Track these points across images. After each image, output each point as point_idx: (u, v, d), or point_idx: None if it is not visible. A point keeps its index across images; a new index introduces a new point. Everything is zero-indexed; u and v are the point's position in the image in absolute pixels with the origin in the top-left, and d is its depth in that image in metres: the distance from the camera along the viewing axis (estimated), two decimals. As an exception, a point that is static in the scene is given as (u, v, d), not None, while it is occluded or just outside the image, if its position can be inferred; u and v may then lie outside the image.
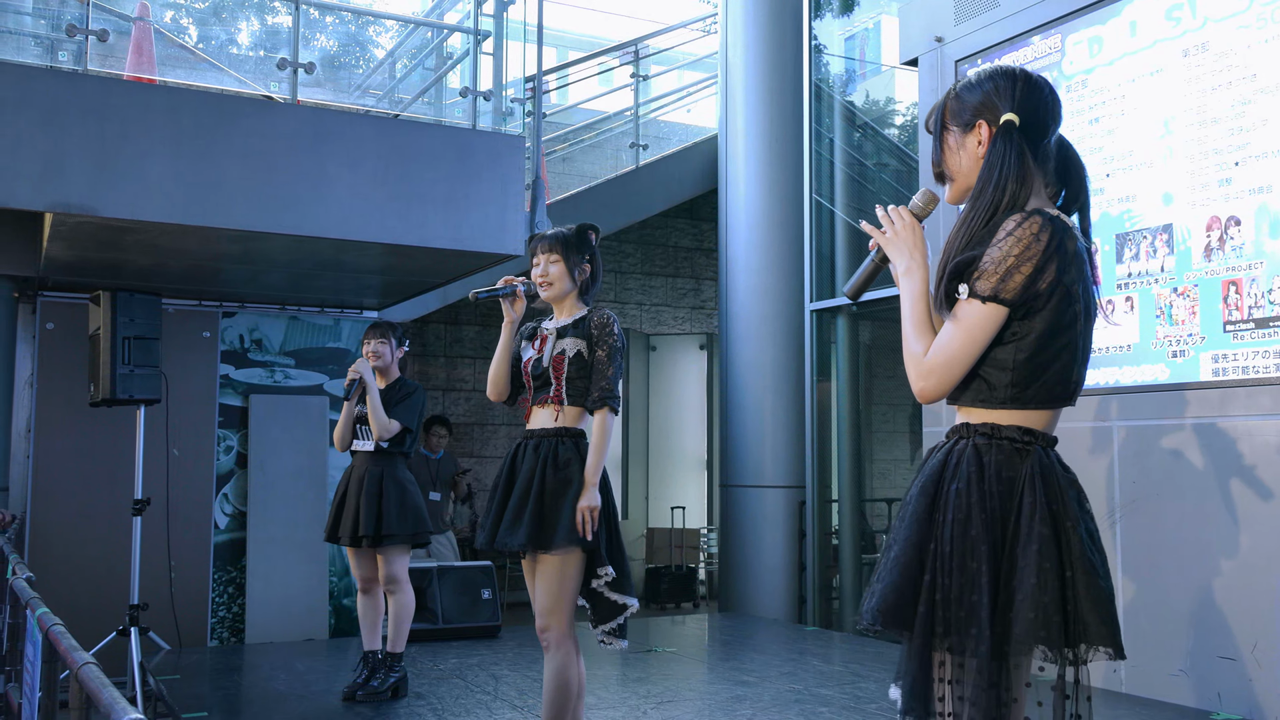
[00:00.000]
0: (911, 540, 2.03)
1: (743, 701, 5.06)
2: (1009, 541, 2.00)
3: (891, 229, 2.16)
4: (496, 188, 5.75)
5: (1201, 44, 4.97)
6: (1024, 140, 2.09)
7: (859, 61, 8.34)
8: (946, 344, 2.03)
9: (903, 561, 2.02)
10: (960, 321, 2.02)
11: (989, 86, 2.14)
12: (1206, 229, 4.90)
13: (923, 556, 2.02)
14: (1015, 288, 1.98)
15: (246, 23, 7.31)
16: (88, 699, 1.79)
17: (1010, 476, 2.02)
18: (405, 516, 5.05)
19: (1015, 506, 2.01)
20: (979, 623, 1.93)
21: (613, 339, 3.44)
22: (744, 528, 8.07)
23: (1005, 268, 1.98)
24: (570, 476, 3.39)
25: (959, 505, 2.00)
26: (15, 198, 4.83)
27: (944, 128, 2.18)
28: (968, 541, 1.98)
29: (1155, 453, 5.06)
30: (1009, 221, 2.01)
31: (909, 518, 2.07)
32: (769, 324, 8.09)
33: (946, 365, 2.04)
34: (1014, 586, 1.96)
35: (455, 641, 6.62)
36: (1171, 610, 4.93)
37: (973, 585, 1.96)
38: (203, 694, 5.38)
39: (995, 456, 2.03)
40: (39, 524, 6.44)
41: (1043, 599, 1.93)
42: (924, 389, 2.07)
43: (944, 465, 2.07)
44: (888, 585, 2.03)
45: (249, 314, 7.18)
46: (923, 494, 2.07)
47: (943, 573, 1.98)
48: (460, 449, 9.80)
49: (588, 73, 10.60)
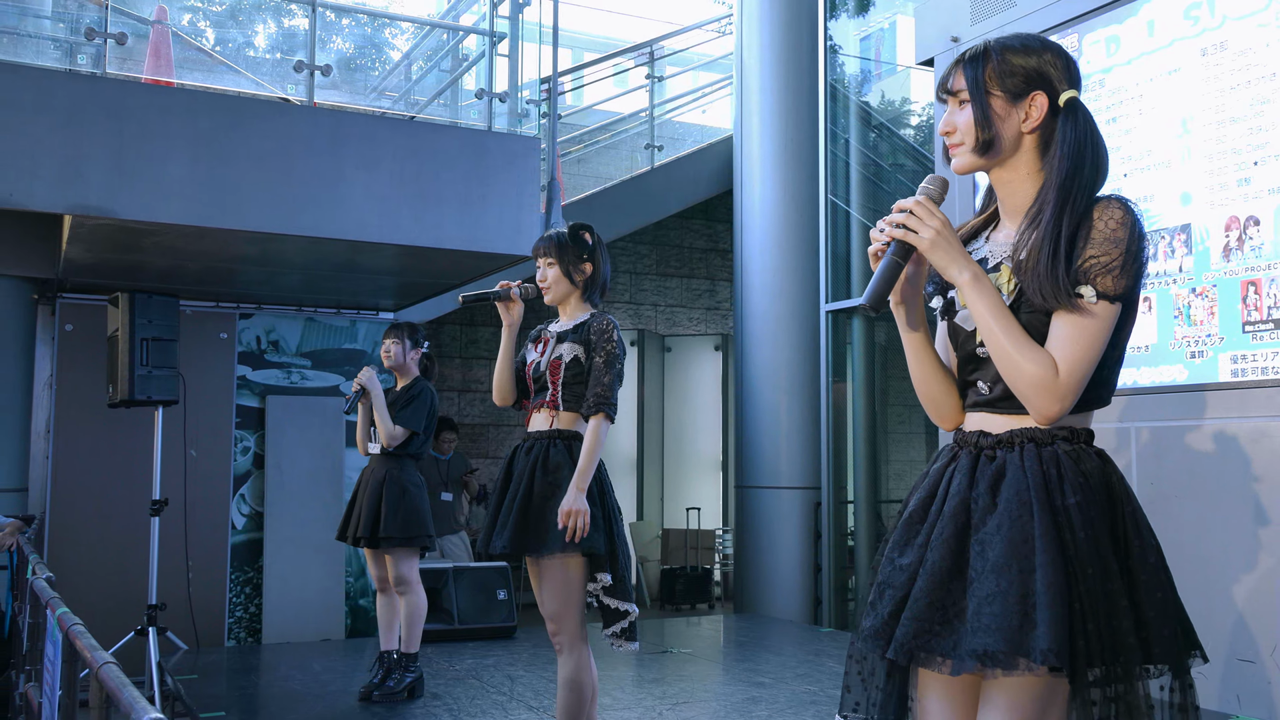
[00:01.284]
0: (1054, 564, 1.76)
1: (758, 703, 5.05)
2: (1122, 556, 1.84)
3: (925, 227, 1.84)
4: (512, 189, 5.76)
5: (1220, 43, 4.94)
6: None
7: (874, 62, 8.33)
8: (1080, 358, 1.80)
9: (1058, 588, 1.74)
10: (1088, 328, 1.80)
11: (1046, 56, 1.93)
12: (1225, 229, 4.87)
13: (1070, 582, 1.77)
14: (1135, 284, 1.83)
15: (263, 25, 7.34)
16: (108, 698, 1.80)
17: (1105, 483, 1.86)
18: (401, 519, 5.02)
19: (1120, 517, 1.86)
20: (1127, 650, 1.78)
21: (611, 345, 3.38)
22: (759, 529, 8.06)
23: (1125, 263, 1.80)
24: (559, 481, 3.34)
25: (1085, 521, 1.80)
26: (35, 200, 4.86)
27: (986, 92, 1.92)
28: (1101, 561, 1.79)
29: (1174, 454, 5.03)
30: (1113, 210, 1.83)
31: (1034, 534, 1.78)
32: (784, 325, 8.08)
33: (1082, 382, 1.82)
34: (1139, 602, 1.82)
35: (471, 642, 6.63)
36: (1190, 612, 4.88)
37: (1115, 609, 1.78)
38: (220, 694, 5.40)
39: (1088, 464, 1.86)
40: (58, 524, 6.48)
41: (1170, 611, 1.85)
42: (1061, 410, 1.82)
43: (1041, 474, 1.83)
44: (1053, 617, 1.71)
45: (266, 315, 7.21)
46: (1031, 505, 1.81)
47: (1089, 599, 1.77)
48: (475, 450, 9.82)
49: (603, 74, 10.61)
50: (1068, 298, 1.80)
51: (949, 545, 1.85)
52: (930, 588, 1.84)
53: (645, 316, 10.77)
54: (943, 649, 1.80)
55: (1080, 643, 1.73)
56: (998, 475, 1.86)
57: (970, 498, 1.87)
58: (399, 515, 5.02)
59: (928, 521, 1.92)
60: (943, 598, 1.83)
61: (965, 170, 1.97)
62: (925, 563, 1.87)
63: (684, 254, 10.95)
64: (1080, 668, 1.73)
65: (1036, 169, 1.94)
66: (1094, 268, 1.80)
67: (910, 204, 1.86)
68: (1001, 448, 1.89)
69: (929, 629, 1.82)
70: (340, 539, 5.25)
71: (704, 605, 9.50)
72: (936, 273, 1.99)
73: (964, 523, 1.86)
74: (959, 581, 1.83)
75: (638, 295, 10.73)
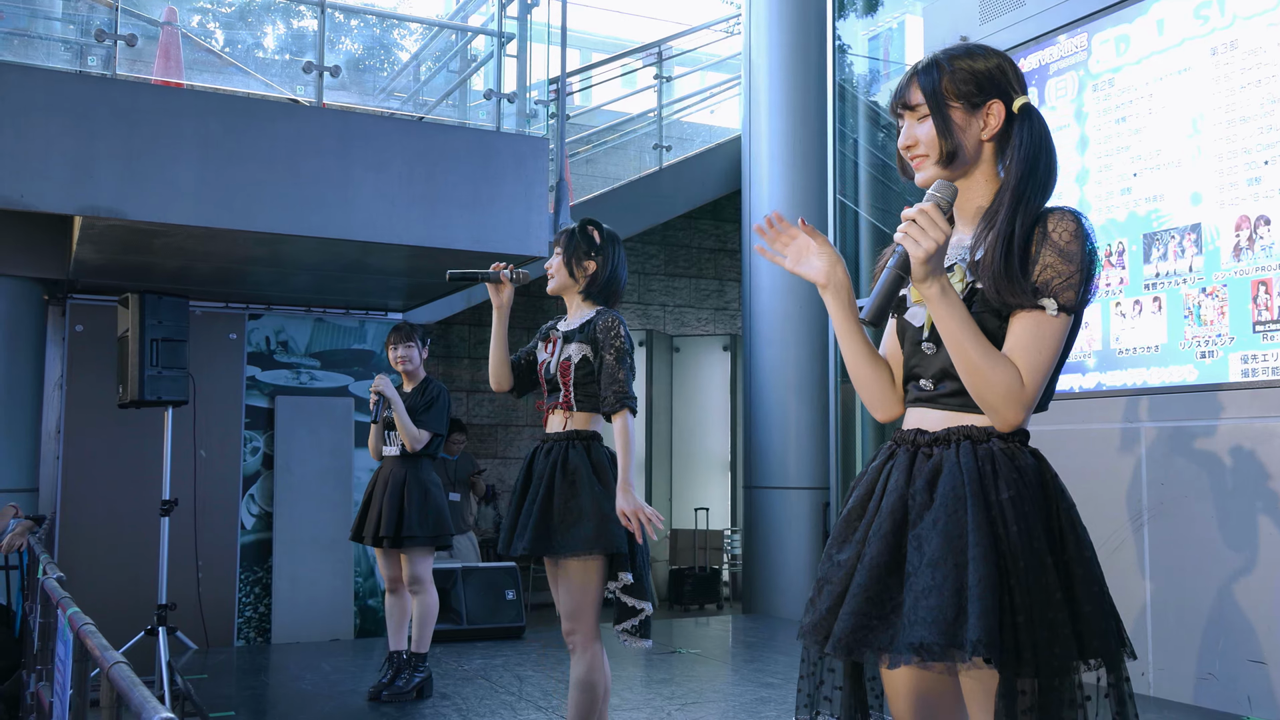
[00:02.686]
0: (986, 557, 1.78)
1: (767, 704, 5.04)
2: (1058, 550, 1.85)
3: (927, 239, 1.80)
4: (520, 190, 5.76)
5: (1230, 42, 4.92)
6: None
7: (883, 61, 8.32)
8: (1043, 365, 1.84)
9: (989, 581, 1.76)
10: (1050, 338, 1.83)
11: (996, 62, 1.95)
12: (1235, 228, 4.85)
13: (1001, 575, 1.79)
14: (1088, 298, 1.86)
15: (272, 26, 7.35)
16: (118, 698, 1.80)
17: (1039, 480, 1.88)
18: (426, 518, 5.09)
19: (1055, 513, 1.87)
20: (1062, 643, 1.78)
21: (619, 341, 3.37)
22: (768, 529, 8.06)
23: (1079, 277, 1.83)
24: (577, 482, 3.34)
25: (1019, 515, 1.81)
26: (45, 201, 4.88)
27: (946, 103, 1.94)
28: (1035, 555, 1.80)
29: (1183, 454, 5.01)
30: (1067, 222, 1.86)
31: (967, 528, 1.80)
32: (793, 325, 8.07)
33: (1041, 388, 1.86)
34: (1076, 597, 1.82)
35: (480, 642, 6.64)
36: (1200, 613, 4.88)
37: (1049, 602, 1.79)
38: (230, 694, 5.41)
39: (1023, 461, 1.87)
40: (68, 524, 6.51)
41: (1104, 607, 1.84)
42: (1024, 417, 1.86)
43: (977, 470, 1.86)
44: (989, 610, 1.73)
45: (275, 316, 7.23)
46: (965, 500, 1.83)
47: (1020, 592, 1.78)
48: (484, 450, 9.83)
49: (611, 74, 10.61)
50: (1027, 296, 1.84)
51: (886, 541, 1.88)
52: (868, 583, 1.86)
53: (654, 317, 10.77)
54: (880, 643, 1.82)
55: (1009, 635, 1.75)
56: (934, 472, 1.89)
57: (908, 494, 1.90)
58: (423, 515, 5.08)
59: (865, 518, 1.96)
60: (880, 592, 1.85)
61: (928, 182, 1.97)
62: (863, 558, 1.89)
63: (692, 254, 10.95)
64: (1009, 660, 1.75)
65: (993, 174, 1.99)
66: (1054, 280, 1.84)
67: (914, 212, 1.82)
68: (939, 445, 1.92)
69: (866, 623, 1.84)
70: (355, 539, 5.26)
71: (712, 606, 9.50)
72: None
73: (901, 519, 1.89)
74: (896, 576, 1.85)
75: (646, 295, 10.73)
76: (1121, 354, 5.33)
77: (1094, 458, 5.32)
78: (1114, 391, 5.34)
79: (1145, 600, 5.08)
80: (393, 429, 5.19)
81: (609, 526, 3.28)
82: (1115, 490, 5.24)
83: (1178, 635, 4.93)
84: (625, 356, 3.38)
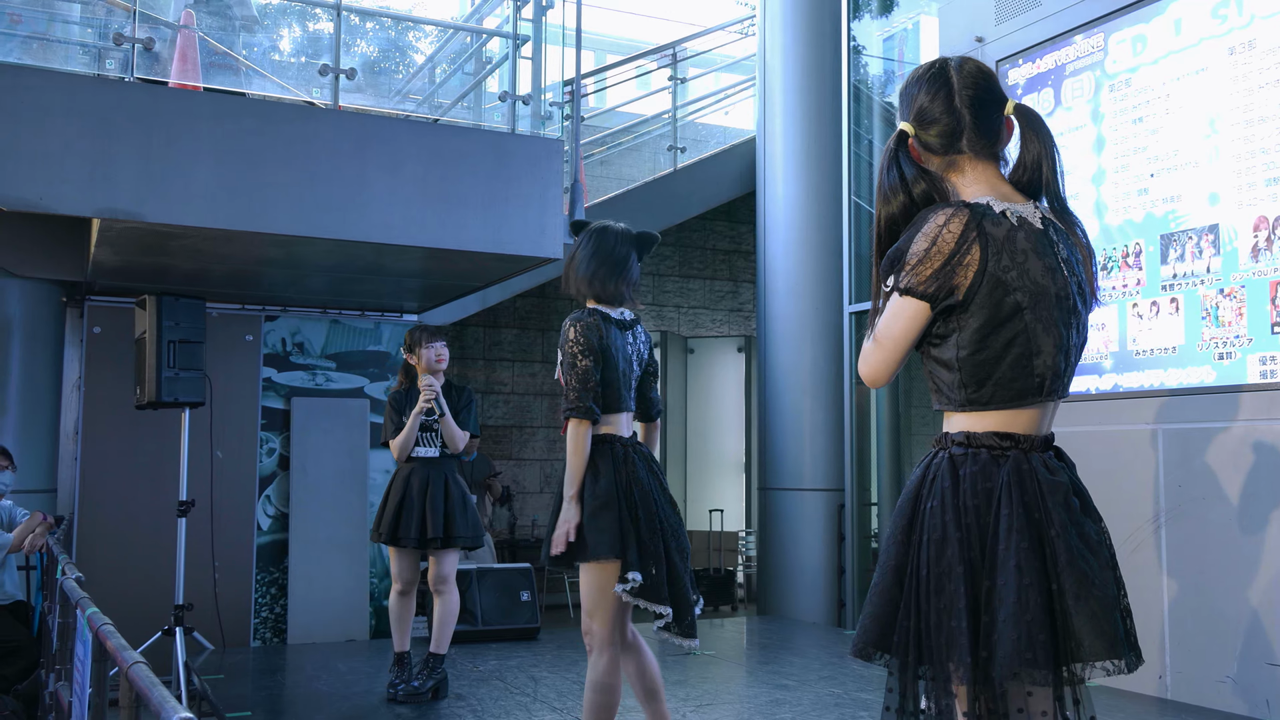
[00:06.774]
0: (889, 565, 1.96)
1: (782, 705, 5.04)
2: (988, 559, 1.87)
3: None
4: (535, 191, 5.77)
5: (1248, 41, 4.90)
6: (936, 140, 2.09)
7: (898, 62, 8.29)
8: (878, 331, 2.04)
9: (881, 588, 1.96)
10: (885, 313, 2.03)
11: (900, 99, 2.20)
12: (1254, 229, 4.82)
13: (901, 580, 1.94)
14: (925, 280, 1.93)
15: (288, 30, 7.38)
16: (137, 697, 1.81)
17: (987, 488, 1.90)
18: (468, 520, 5.19)
19: (993, 520, 1.88)
20: (960, 650, 1.83)
21: (567, 347, 3.40)
22: (783, 531, 8.04)
23: (915, 261, 1.95)
24: (580, 491, 3.39)
25: (934, 525, 1.90)
26: (64, 203, 4.91)
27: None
28: (944, 564, 1.87)
29: (1201, 456, 4.98)
30: (922, 214, 2.00)
31: (886, 539, 2.00)
32: (808, 326, 8.06)
33: (870, 353, 2.05)
34: (994, 608, 1.84)
35: (494, 643, 6.65)
36: (1218, 616, 4.85)
37: (950, 611, 1.85)
38: (246, 694, 5.43)
39: (971, 468, 1.92)
40: (86, 525, 6.54)
41: (1024, 618, 1.82)
42: (860, 374, 2.09)
43: (921, 480, 1.97)
44: (869, 615, 1.96)
45: (291, 318, 7.25)
46: (900, 513, 1.97)
47: (921, 598, 1.88)
48: (499, 451, 9.84)
49: (626, 76, 10.61)
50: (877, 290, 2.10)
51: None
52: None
53: (668, 318, 10.77)
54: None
55: (899, 639, 1.95)
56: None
57: (900, 501, 2.11)
58: (465, 516, 5.17)
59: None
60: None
61: None
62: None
63: (707, 255, 10.94)
64: (906, 662, 1.95)
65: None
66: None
67: None
68: (932, 449, 2.08)
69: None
70: (390, 542, 5.15)
71: (727, 607, 9.49)
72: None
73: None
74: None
75: (660, 297, 10.73)
76: (1139, 355, 5.30)
77: (1111, 459, 5.29)
78: (1131, 393, 5.31)
79: (1163, 604, 5.05)
80: (428, 430, 5.20)
81: (592, 535, 3.32)
82: (1132, 492, 5.21)
83: (1195, 638, 4.90)
84: (573, 363, 3.38)
